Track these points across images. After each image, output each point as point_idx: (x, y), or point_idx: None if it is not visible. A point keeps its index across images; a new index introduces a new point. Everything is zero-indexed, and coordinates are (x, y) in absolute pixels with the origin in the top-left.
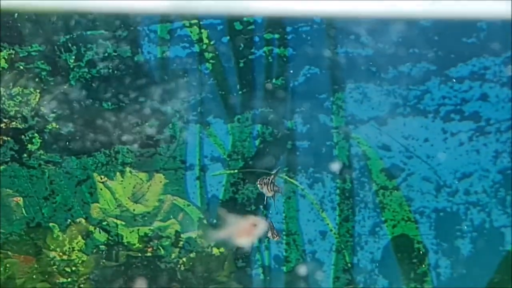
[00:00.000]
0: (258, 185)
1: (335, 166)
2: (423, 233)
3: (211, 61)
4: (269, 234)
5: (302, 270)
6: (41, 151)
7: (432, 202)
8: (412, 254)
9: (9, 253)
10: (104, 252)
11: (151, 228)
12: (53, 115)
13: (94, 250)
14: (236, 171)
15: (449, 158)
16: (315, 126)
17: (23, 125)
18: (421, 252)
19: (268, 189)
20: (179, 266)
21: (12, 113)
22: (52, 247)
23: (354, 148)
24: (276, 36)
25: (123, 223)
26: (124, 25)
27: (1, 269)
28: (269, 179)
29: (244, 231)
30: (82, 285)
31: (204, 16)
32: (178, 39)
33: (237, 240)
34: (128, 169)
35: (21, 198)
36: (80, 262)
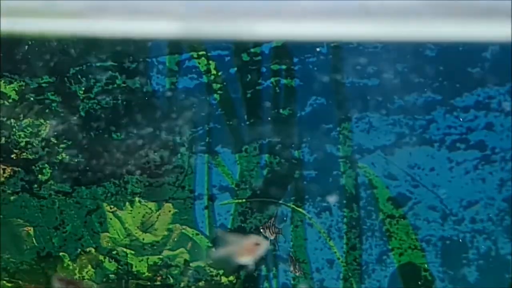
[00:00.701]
0: (261, 230)
1: (332, 199)
2: (429, 261)
3: (219, 92)
4: (291, 269)
5: None
6: (52, 182)
7: (438, 231)
8: (419, 282)
9: (20, 282)
10: (114, 281)
11: (160, 257)
12: (63, 145)
13: (104, 279)
14: (244, 200)
15: (455, 187)
16: (322, 156)
17: (33, 156)
18: (428, 279)
19: (270, 232)
20: None
21: (22, 144)
22: (62, 275)
23: (361, 177)
24: (283, 67)
25: (133, 252)
26: (133, 56)
27: None
28: (270, 223)
29: (246, 250)
30: None
31: (212, 47)
32: (186, 70)
33: (239, 259)
34: (137, 199)
35: (32, 228)
36: None
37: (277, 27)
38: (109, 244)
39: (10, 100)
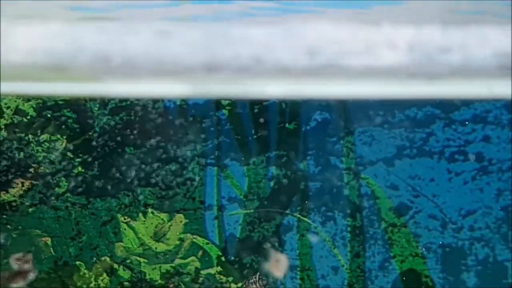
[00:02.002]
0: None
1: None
2: (430, 268)
3: (227, 107)
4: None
5: None
6: (68, 194)
7: (438, 238)
8: (420, 287)
9: None
10: None
11: (172, 265)
12: (79, 159)
13: (119, 287)
14: (252, 210)
15: (454, 197)
16: (327, 168)
17: (50, 170)
18: (428, 285)
19: (257, 286)
20: None
21: (40, 159)
22: (79, 284)
23: (364, 188)
24: None
25: (146, 260)
26: None
27: None
28: (255, 278)
29: (268, 268)
30: None
31: None
32: None
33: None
34: (150, 210)
35: (49, 238)
36: None
37: (285, 87)
38: (123, 253)
39: (28, 117)
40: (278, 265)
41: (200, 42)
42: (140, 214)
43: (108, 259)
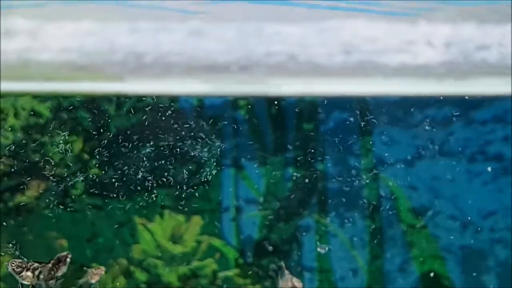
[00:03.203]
0: None
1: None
2: (450, 269)
3: (244, 108)
4: None
5: None
6: (84, 196)
7: (458, 239)
8: None
9: None
10: None
11: (190, 267)
12: (95, 161)
13: None
14: (269, 212)
15: (474, 197)
16: (345, 168)
17: (66, 171)
18: (448, 286)
19: None
20: None
21: (56, 160)
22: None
23: (383, 188)
24: None
25: (163, 262)
26: None
27: None
28: None
29: None
30: None
31: None
32: None
33: None
34: (167, 211)
35: (66, 240)
36: None
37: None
38: (140, 255)
39: (44, 118)
40: None
41: (234, 40)
42: (157, 216)
43: (125, 261)
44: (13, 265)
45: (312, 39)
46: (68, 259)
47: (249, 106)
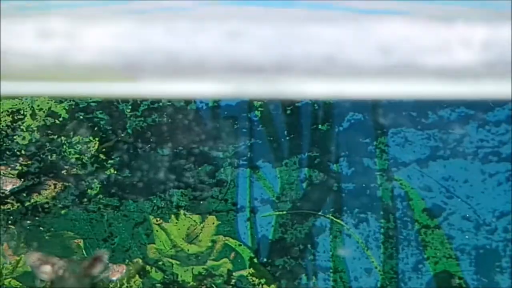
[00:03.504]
0: None
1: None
2: (464, 270)
3: (259, 108)
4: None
5: None
6: (100, 196)
7: (472, 240)
8: None
9: None
10: None
11: (205, 267)
12: (111, 161)
13: None
14: (284, 212)
15: (488, 198)
16: (360, 169)
17: (83, 172)
18: (462, 287)
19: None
20: None
21: (72, 160)
22: (111, 286)
23: (397, 189)
24: None
25: (178, 262)
26: None
27: None
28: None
29: None
30: None
31: None
32: None
33: None
34: (182, 211)
35: (82, 240)
36: None
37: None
38: (156, 255)
39: (61, 119)
40: None
41: (271, 42)
42: (173, 216)
43: (140, 261)
44: (32, 258)
45: (349, 40)
46: (105, 258)
47: (264, 107)
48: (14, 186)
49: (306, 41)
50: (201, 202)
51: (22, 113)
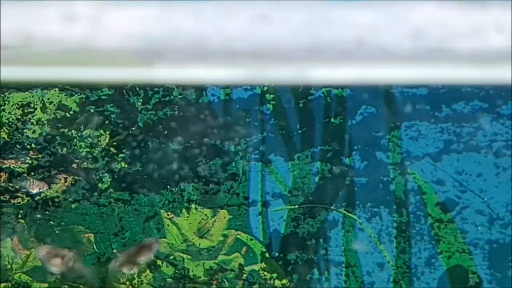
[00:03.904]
0: None
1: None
2: (477, 264)
3: (272, 102)
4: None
5: None
6: (111, 190)
7: (485, 234)
8: (467, 284)
9: (81, 286)
10: (171, 285)
11: (216, 261)
12: (122, 155)
13: (162, 283)
14: (297, 206)
15: (502, 192)
16: (372, 163)
17: (93, 165)
18: (475, 281)
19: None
20: None
21: (83, 154)
22: (122, 280)
23: (410, 183)
24: None
25: (189, 257)
26: None
27: None
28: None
29: None
30: None
31: None
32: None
33: None
34: (193, 206)
35: (92, 235)
36: None
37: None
38: (167, 250)
39: (71, 112)
40: None
41: (301, 26)
42: (184, 210)
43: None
44: (42, 251)
45: (381, 24)
46: (155, 246)
47: (276, 100)
48: (40, 190)
49: (336, 25)
50: (213, 196)
51: (32, 106)
